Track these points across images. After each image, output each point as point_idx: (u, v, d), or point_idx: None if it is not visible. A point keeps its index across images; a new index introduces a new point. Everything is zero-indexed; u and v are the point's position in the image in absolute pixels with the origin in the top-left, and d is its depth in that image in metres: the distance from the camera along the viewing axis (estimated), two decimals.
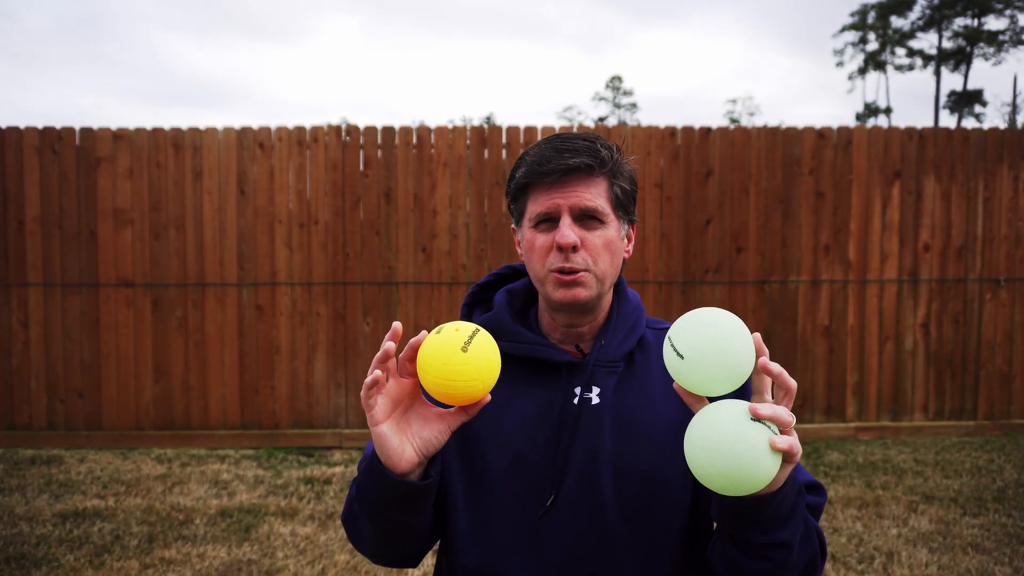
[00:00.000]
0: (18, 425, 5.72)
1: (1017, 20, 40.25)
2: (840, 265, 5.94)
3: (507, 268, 1.34)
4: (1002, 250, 6.00)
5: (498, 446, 1.18)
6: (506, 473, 1.17)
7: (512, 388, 1.21)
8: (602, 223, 1.15)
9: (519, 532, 1.16)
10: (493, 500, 1.17)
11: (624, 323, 1.24)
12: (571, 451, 1.16)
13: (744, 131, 5.93)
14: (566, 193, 1.14)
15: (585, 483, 1.15)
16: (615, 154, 1.17)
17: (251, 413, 5.79)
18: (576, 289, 1.15)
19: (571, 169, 1.13)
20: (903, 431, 5.98)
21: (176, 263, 5.73)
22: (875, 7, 44.69)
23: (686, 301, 5.89)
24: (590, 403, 1.18)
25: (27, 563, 3.67)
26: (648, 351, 1.25)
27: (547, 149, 1.15)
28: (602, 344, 1.21)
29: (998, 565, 3.67)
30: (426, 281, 5.80)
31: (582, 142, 1.15)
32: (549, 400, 1.19)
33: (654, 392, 1.21)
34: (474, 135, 5.89)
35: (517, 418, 1.19)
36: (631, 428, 1.18)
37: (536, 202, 1.16)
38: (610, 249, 1.16)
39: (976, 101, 43.64)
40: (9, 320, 5.69)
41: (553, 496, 1.15)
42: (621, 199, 1.18)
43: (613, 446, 1.16)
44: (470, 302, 1.32)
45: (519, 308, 1.29)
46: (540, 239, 1.16)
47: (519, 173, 1.18)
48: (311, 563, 3.73)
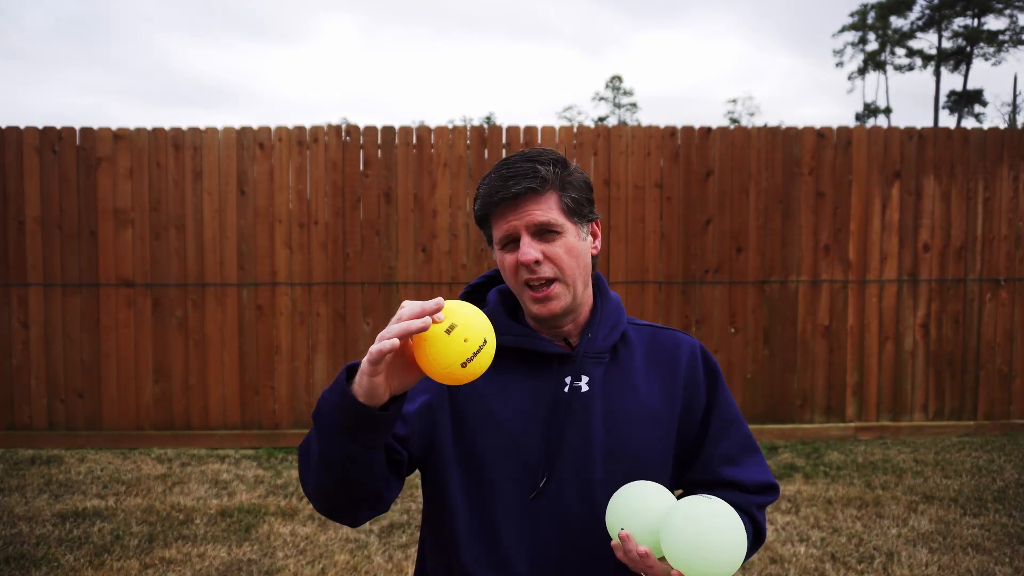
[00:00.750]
0: (18, 425, 5.72)
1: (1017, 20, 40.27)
2: (840, 265, 5.94)
3: (497, 271, 1.40)
4: (1002, 250, 6.00)
5: (493, 431, 1.25)
6: (500, 456, 1.24)
7: (506, 378, 1.28)
8: (559, 233, 1.23)
9: (513, 512, 1.23)
10: (487, 482, 1.23)
11: (608, 318, 1.33)
12: (563, 435, 1.24)
13: (744, 131, 5.93)
14: (519, 214, 1.22)
15: (578, 464, 1.24)
16: (557, 168, 1.24)
17: (251, 413, 5.79)
18: (551, 304, 1.25)
19: (517, 195, 1.21)
20: (903, 431, 5.98)
21: (176, 263, 5.73)
22: (875, 7, 44.72)
23: (686, 301, 5.89)
24: (580, 391, 1.27)
25: (27, 563, 3.67)
26: (630, 345, 1.34)
27: (495, 179, 1.23)
28: (589, 337, 1.30)
29: (998, 565, 3.67)
30: (426, 281, 5.80)
31: (525, 164, 1.22)
32: (542, 389, 1.27)
33: (637, 382, 1.30)
34: (474, 135, 5.89)
35: (511, 405, 1.26)
36: (619, 414, 1.27)
37: (497, 227, 1.25)
38: (572, 254, 1.25)
39: (976, 101, 43.66)
40: (9, 320, 5.69)
41: (546, 478, 1.23)
42: (572, 207, 1.25)
43: (603, 428, 1.26)
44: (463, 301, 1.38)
45: (510, 307, 1.37)
46: (508, 258, 1.25)
47: (476, 206, 1.27)
48: (311, 563, 3.73)
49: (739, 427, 1.36)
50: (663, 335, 1.38)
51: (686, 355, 1.35)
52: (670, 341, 1.36)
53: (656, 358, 1.34)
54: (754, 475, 1.33)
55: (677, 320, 5.90)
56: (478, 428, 1.25)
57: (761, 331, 5.92)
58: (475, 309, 1.04)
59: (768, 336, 5.92)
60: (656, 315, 5.89)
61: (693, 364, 1.35)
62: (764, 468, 1.36)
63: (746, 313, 5.90)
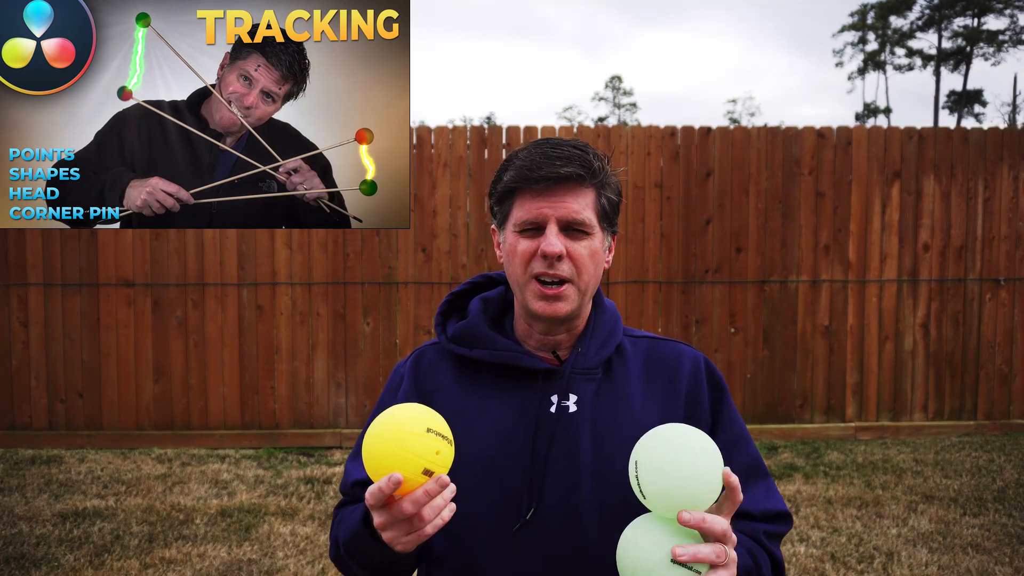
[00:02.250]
0: (18, 425, 5.72)
1: (1017, 20, 40.26)
2: (840, 265, 5.94)
3: (482, 277, 1.33)
4: (1002, 250, 6.00)
5: (471, 456, 1.14)
6: (480, 485, 1.14)
7: (485, 396, 1.19)
8: (587, 234, 1.14)
9: (495, 545, 1.13)
10: (466, 513, 1.10)
11: (602, 330, 1.23)
12: (549, 460, 1.14)
13: (744, 131, 5.93)
14: (554, 203, 1.12)
15: (564, 492, 1.13)
16: (605, 165, 1.15)
17: (251, 413, 5.79)
18: (557, 304, 1.14)
19: (562, 178, 1.11)
20: (903, 431, 5.98)
21: (176, 263, 5.72)
22: (875, 7, 44.70)
23: (686, 301, 5.89)
24: (567, 411, 1.16)
25: (27, 563, 3.67)
26: (626, 358, 1.23)
27: (537, 154, 1.12)
28: (579, 351, 1.19)
29: (998, 565, 3.67)
30: (426, 281, 5.80)
31: (573, 150, 1.13)
32: (524, 408, 1.16)
33: (633, 399, 1.19)
34: (474, 135, 5.89)
35: (491, 427, 1.16)
36: (610, 435, 1.15)
37: (523, 208, 1.14)
38: (594, 260, 1.16)
39: (976, 101, 43.65)
40: (9, 320, 5.69)
41: (534, 507, 1.12)
42: (607, 211, 1.17)
43: (593, 453, 1.14)
44: (444, 310, 1.30)
45: (494, 316, 1.27)
46: (523, 244, 1.14)
47: (507, 176, 1.15)
48: (311, 563, 3.73)
49: (744, 448, 1.22)
50: (663, 347, 1.26)
51: (688, 368, 1.23)
52: (670, 353, 1.25)
53: (654, 373, 1.23)
54: (760, 503, 1.18)
55: (677, 320, 5.90)
56: (455, 449, 1.15)
57: (761, 331, 5.92)
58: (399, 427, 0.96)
59: (768, 336, 5.92)
60: (656, 315, 5.89)
61: (696, 378, 1.23)
62: (774, 495, 1.22)
63: (746, 313, 5.90)
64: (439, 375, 1.24)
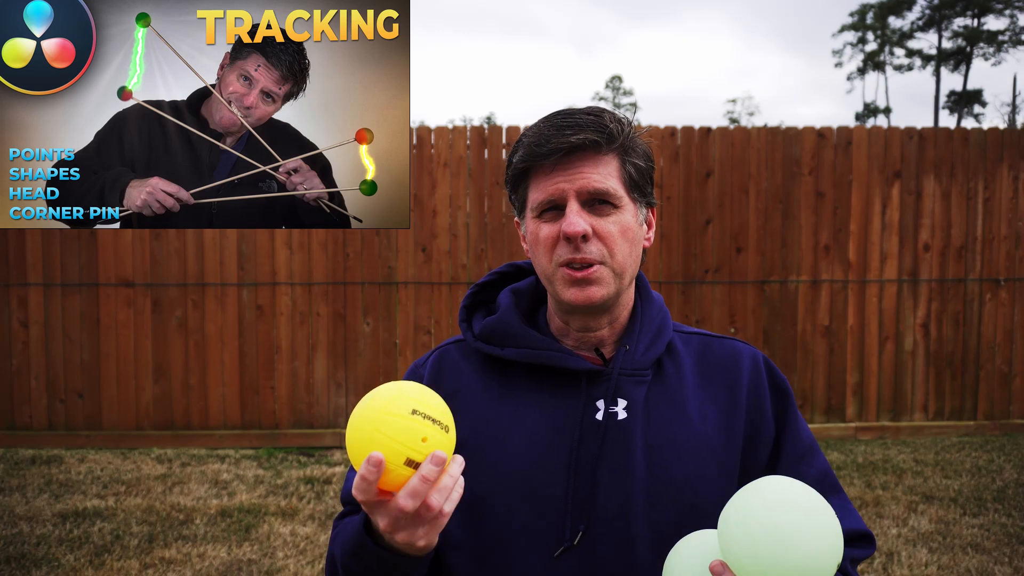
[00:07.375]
0: (18, 425, 5.72)
1: (1017, 20, 40.26)
2: (840, 265, 5.94)
3: (509, 266, 1.18)
4: (1002, 250, 6.00)
5: (503, 472, 1.00)
6: (513, 504, 1.00)
7: (519, 402, 1.04)
8: (615, 207, 0.99)
9: (530, 573, 0.98)
10: (499, 536, 0.99)
11: (651, 324, 1.07)
12: (598, 476, 0.99)
13: (744, 131, 5.93)
14: (571, 175, 0.98)
15: (614, 514, 0.98)
16: (626, 127, 1.01)
17: (251, 413, 5.79)
18: (590, 289, 0.98)
19: (574, 148, 0.97)
20: (903, 431, 5.98)
21: (176, 263, 5.72)
22: (874, 7, 44.71)
23: (686, 301, 5.89)
24: (616, 418, 1.01)
25: (27, 563, 3.67)
26: (678, 358, 1.08)
27: (546, 127, 0.99)
28: (627, 349, 1.04)
29: (998, 565, 3.67)
30: (426, 281, 5.80)
31: (586, 116, 0.99)
32: (566, 415, 1.01)
33: (689, 406, 1.04)
34: (474, 135, 5.89)
35: (526, 437, 1.01)
36: (666, 447, 1.01)
37: (538, 188, 1.00)
38: (627, 237, 1.00)
39: (976, 101, 43.65)
40: (9, 320, 5.69)
41: (582, 530, 0.98)
42: (635, 179, 1.01)
43: (647, 469, 0.99)
44: (469, 304, 1.15)
45: (526, 310, 1.12)
46: (545, 230, 1.00)
47: (516, 157, 1.02)
48: (311, 563, 3.73)
49: (813, 461, 1.07)
50: (718, 345, 1.11)
51: (748, 370, 1.08)
52: (727, 353, 1.09)
53: (710, 375, 1.07)
54: (841, 523, 0.98)
55: (676, 320, 5.90)
56: (485, 468, 1.00)
57: (761, 331, 5.92)
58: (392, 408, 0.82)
59: (768, 336, 5.92)
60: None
61: (757, 382, 1.07)
62: (852, 513, 1.06)
63: (746, 313, 5.90)
64: (463, 377, 1.09)
